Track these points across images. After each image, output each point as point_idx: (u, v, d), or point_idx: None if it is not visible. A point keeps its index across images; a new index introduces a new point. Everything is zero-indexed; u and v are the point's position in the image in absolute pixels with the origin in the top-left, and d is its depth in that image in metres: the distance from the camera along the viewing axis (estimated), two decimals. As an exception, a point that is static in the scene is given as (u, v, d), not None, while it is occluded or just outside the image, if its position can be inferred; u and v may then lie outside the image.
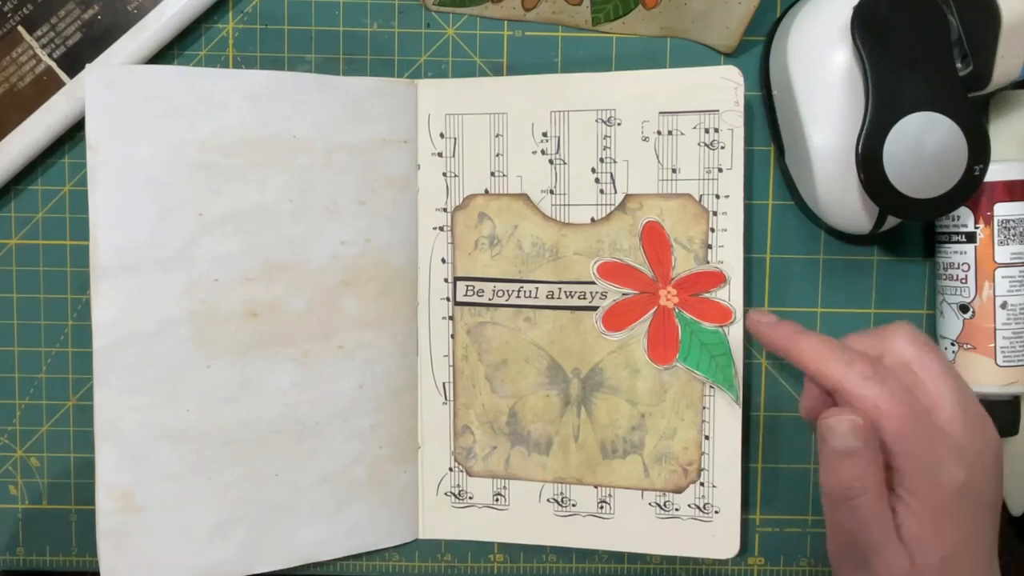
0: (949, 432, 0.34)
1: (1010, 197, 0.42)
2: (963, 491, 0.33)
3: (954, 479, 0.33)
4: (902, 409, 0.33)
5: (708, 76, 0.42)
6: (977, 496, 0.34)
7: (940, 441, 0.33)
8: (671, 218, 0.43)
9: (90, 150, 0.40)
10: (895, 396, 0.33)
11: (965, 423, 0.34)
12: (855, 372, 0.34)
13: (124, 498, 0.42)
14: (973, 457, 0.33)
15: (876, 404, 0.33)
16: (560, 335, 0.45)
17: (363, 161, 0.44)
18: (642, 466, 0.45)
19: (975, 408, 0.35)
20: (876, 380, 0.33)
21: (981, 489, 0.34)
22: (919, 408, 0.34)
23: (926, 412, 0.34)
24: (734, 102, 0.42)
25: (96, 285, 0.41)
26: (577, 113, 0.44)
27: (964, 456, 0.33)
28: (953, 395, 0.34)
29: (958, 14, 0.39)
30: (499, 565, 0.48)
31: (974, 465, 0.33)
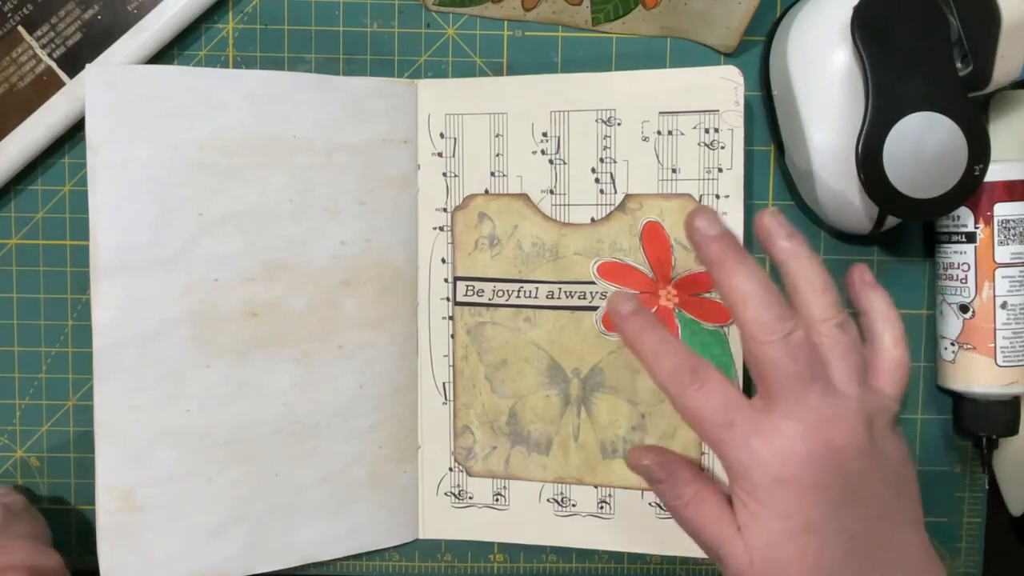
0: (766, 422, 0.34)
1: (1010, 197, 0.42)
2: (783, 485, 0.34)
3: (770, 473, 0.34)
4: (715, 415, 0.35)
5: (708, 76, 0.42)
6: (814, 491, 0.34)
7: (753, 437, 0.34)
8: (671, 218, 0.43)
9: (90, 150, 0.40)
10: (707, 400, 0.35)
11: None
12: (675, 380, 0.36)
13: (124, 498, 0.42)
14: (799, 444, 0.34)
15: (691, 410, 0.35)
16: (560, 335, 0.45)
17: (363, 161, 0.44)
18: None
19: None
20: (695, 386, 0.35)
21: (820, 487, 0.34)
22: (723, 408, 0.35)
23: (734, 408, 0.35)
24: (734, 102, 0.42)
25: (96, 285, 0.41)
26: (577, 113, 0.44)
27: (784, 448, 0.34)
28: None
29: (958, 14, 0.39)
30: (499, 565, 0.48)
31: (811, 462, 0.34)
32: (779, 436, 0.34)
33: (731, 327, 0.43)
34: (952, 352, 0.44)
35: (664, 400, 0.43)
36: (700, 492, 0.37)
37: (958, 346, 0.43)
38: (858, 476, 0.34)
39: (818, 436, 0.34)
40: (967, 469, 0.47)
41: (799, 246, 0.37)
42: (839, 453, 0.34)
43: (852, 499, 0.34)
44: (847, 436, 0.34)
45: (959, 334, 0.43)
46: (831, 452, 0.34)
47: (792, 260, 0.37)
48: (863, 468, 0.34)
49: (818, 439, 0.34)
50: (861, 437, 0.34)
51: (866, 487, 0.34)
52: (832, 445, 0.34)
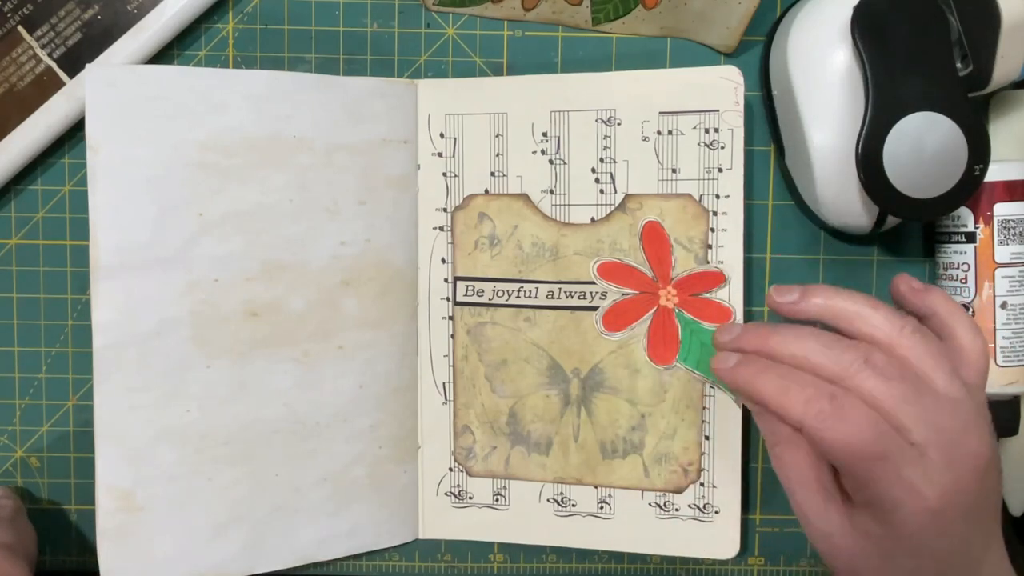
0: (933, 449, 0.32)
1: (1010, 197, 0.42)
2: (936, 518, 0.32)
3: (926, 507, 0.32)
4: (864, 449, 0.32)
5: (708, 76, 0.42)
6: (958, 514, 0.32)
7: (912, 469, 0.32)
8: (671, 218, 0.43)
9: (90, 150, 0.40)
10: (855, 431, 0.32)
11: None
12: (812, 413, 0.32)
13: (124, 498, 0.42)
14: (959, 476, 0.32)
15: (836, 444, 0.32)
16: (560, 335, 0.45)
17: (363, 161, 0.44)
18: (642, 466, 0.45)
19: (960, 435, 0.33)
20: (835, 417, 0.32)
21: (965, 508, 0.32)
22: (875, 439, 0.32)
23: (887, 437, 0.32)
24: (734, 102, 0.42)
25: (96, 285, 0.40)
26: (577, 113, 0.44)
27: (945, 480, 0.32)
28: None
29: (958, 14, 0.39)
30: (499, 565, 0.48)
31: (960, 485, 0.32)
32: (929, 464, 0.32)
33: None
34: (952, 352, 0.44)
35: (663, 399, 0.43)
36: (792, 437, 0.34)
37: (958, 346, 0.43)
38: (991, 483, 0.33)
39: (961, 455, 0.32)
40: (967, 469, 0.47)
41: (819, 294, 0.35)
42: (981, 463, 0.32)
43: (982, 511, 0.33)
44: (981, 443, 0.32)
45: (959, 334, 0.43)
46: (973, 467, 0.32)
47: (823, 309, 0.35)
48: (994, 474, 0.33)
49: (962, 459, 0.32)
50: (987, 437, 0.33)
51: (992, 492, 0.33)
52: (973, 459, 0.32)
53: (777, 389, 0.34)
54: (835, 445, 0.32)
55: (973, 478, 0.32)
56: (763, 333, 0.35)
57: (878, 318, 0.34)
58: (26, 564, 0.40)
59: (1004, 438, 0.44)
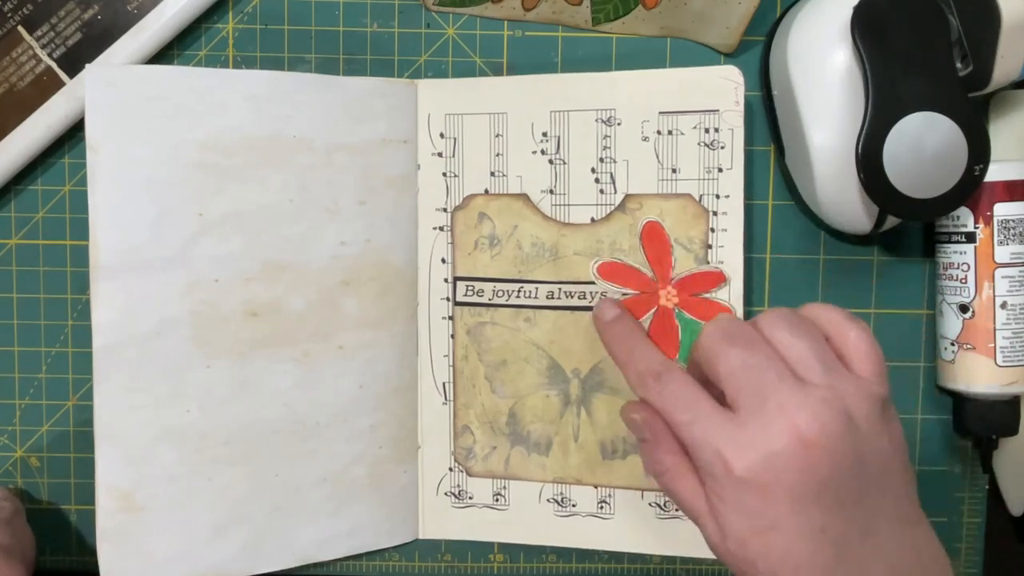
0: (731, 422, 0.34)
1: (1010, 197, 0.42)
2: (743, 485, 0.33)
3: (729, 470, 0.33)
4: (679, 415, 0.35)
5: (708, 76, 0.42)
6: (774, 478, 0.33)
7: (718, 437, 0.33)
8: (671, 218, 0.43)
9: (90, 150, 0.40)
10: (671, 403, 0.35)
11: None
12: (639, 382, 0.37)
13: (124, 498, 0.42)
14: (761, 448, 0.33)
15: (660, 412, 0.36)
16: (560, 335, 0.45)
17: (363, 161, 0.44)
18: (641, 466, 0.45)
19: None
20: (657, 387, 0.36)
21: (776, 472, 0.33)
22: (694, 404, 0.35)
23: (704, 403, 0.35)
24: (734, 102, 0.42)
25: (96, 285, 0.40)
26: (577, 113, 0.44)
27: (746, 448, 0.33)
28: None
29: (958, 14, 0.39)
30: (499, 565, 0.48)
31: (773, 460, 0.33)
32: (743, 435, 0.33)
33: None
34: (952, 352, 0.44)
35: None
36: (680, 465, 0.36)
37: (958, 346, 0.43)
38: (828, 469, 0.32)
39: (783, 431, 0.32)
40: (967, 469, 0.47)
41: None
42: (808, 447, 0.32)
43: (822, 493, 0.33)
44: (816, 428, 0.32)
45: (959, 334, 0.43)
46: (799, 447, 0.32)
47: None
48: (836, 461, 0.32)
49: (784, 434, 0.32)
50: (833, 427, 0.32)
51: (840, 480, 0.33)
52: (801, 439, 0.32)
53: (624, 357, 0.38)
54: (658, 409, 0.36)
55: (792, 455, 0.32)
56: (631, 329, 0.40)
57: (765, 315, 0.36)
58: (24, 567, 0.40)
59: (1004, 438, 0.44)
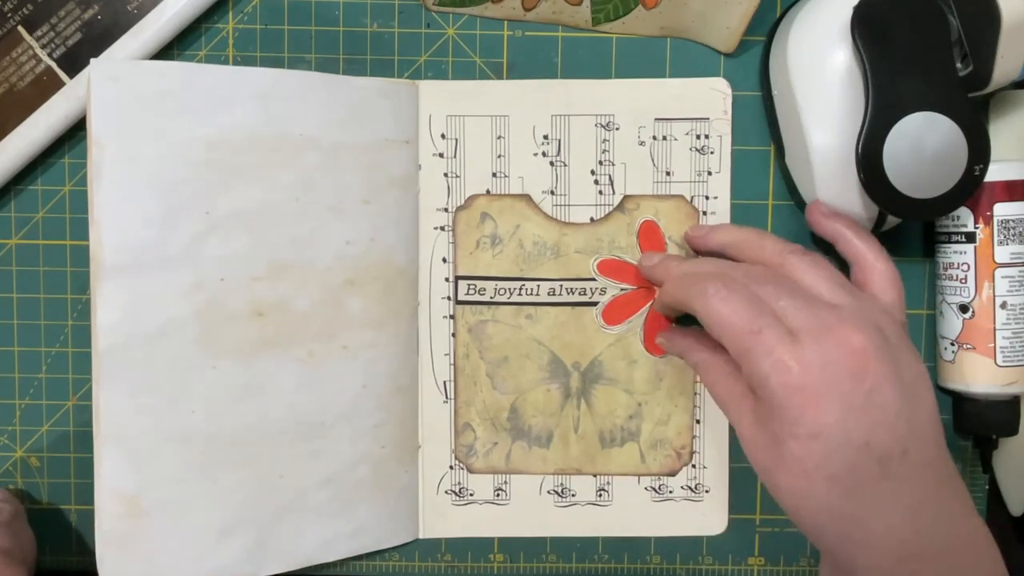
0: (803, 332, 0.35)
1: (1010, 197, 0.42)
2: (800, 393, 0.34)
3: (789, 381, 0.34)
4: (740, 322, 0.35)
5: (699, 86, 0.45)
6: (830, 399, 0.34)
7: (780, 344, 0.34)
8: (666, 217, 0.45)
9: (95, 146, 0.39)
10: (735, 307, 0.35)
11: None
12: (700, 290, 0.37)
13: (129, 503, 0.41)
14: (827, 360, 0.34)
15: (717, 317, 0.36)
16: (561, 330, 0.46)
17: (368, 160, 0.44)
18: (639, 453, 0.46)
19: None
20: (720, 295, 0.36)
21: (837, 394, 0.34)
22: (752, 317, 0.35)
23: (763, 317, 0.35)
24: (723, 111, 0.45)
25: (99, 285, 0.40)
26: (577, 117, 0.45)
27: (812, 359, 0.34)
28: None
29: (958, 14, 0.39)
30: (499, 565, 0.48)
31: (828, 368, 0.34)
32: (799, 348, 0.34)
33: None
34: (952, 352, 0.44)
35: (659, 387, 0.45)
36: (727, 364, 0.38)
37: (958, 346, 0.43)
38: (874, 376, 0.34)
39: (834, 343, 0.34)
40: (967, 469, 0.47)
41: (721, 230, 0.42)
42: (856, 353, 0.34)
43: (865, 404, 0.34)
44: (861, 337, 0.34)
45: (959, 334, 0.43)
46: (849, 353, 0.34)
47: (722, 238, 0.42)
48: (878, 374, 0.34)
49: (835, 345, 0.34)
50: (874, 340, 0.34)
51: (880, 391, 0.34)
52: (850, 347, 0.34)
53: (679, 272, 0.40)
54: (716, 319, 0.36)
55: (845, 365, 0.34)
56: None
57: (767, 244, 0.39)
58: (24, 569, 0.40)
59: (1004, 438, 0.44)
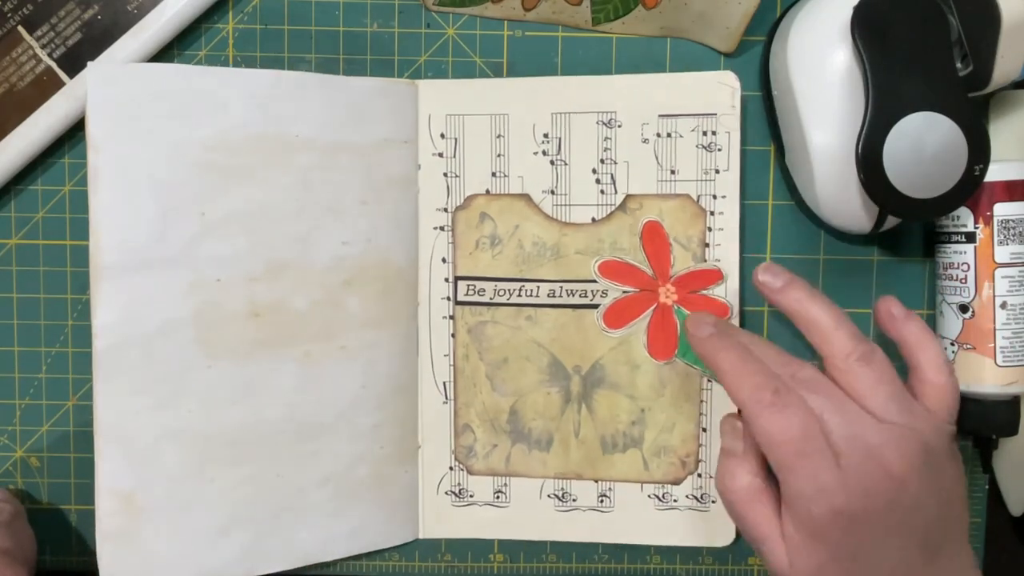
0: (847, 457, 0.34)
1: (1010, 197, 0.42)
2: (840, 518, 0.34)
3: (831, 506, 0.34)
4: (789, 442, 0.34)
5: (706, 80, 0.43)
6: (869, 523, 0.34)
7: (825, 470, 0.34)
8: (670, 218, 0.44)
9: (92, 149, 0.40)
10: (787, 425, 0.34)
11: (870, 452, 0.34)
12: (756, 398, 0.35)
13: (126, 501, 0.41)
14: (868, 487, 0.34)
15: (767, 431, 0.35)
16: (561, 333, 0.45)
17: (366, 161, 0.44)
18: (641, 460, 0.45)
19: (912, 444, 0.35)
20: (775, 407, 0.35)
21: (875, 518, 0.34)
22: (801, 436, 0.34)
23: (811, 437, 0.34)
24: (731, 106, 0.43)
25: (97, 285, 0.40)
26: (578, 115, 0.44)
27: (853, 486, 0.34)
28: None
29: (958, 14, 0.39)
30: (499, 565, 0.48)
31: (869, 495, 0.34)
32: (841, 473, 0.34)
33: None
34: (952, 352, 0.44)
35: (662, 394, 0.44)
36: (759, 489, 0.37)
37: (958, 346, 0.43)
38: (911, 503, 0.34)
39: (875, 468, 0.34)
40: (967, 469, 0.47)
41: (798, 291, 0.38)
42: (895, 481, 0.34)
43: (902, 527, 0.34)
44: (901, 463, 0.34)
45: (959, 334, 0.43)
46: (887, 481, 0.34)
47: (796, 307, 0.38)
48: (916, 494, 0.34)
49: (876, 470, 0.34)
50: (916, 463, 0.34)
51: (917, 513, 0.34)
52: (889, 473, 0.34)
53: (733, 369, 0.36)
54: (763, 433, 0.35)
55: (883, 489, 0.34)
56: (717, 339, 0.38)
57: (837, 340, 0.37)
58: (25, 569, 0.40)
59: (1004, 438, 0.44)
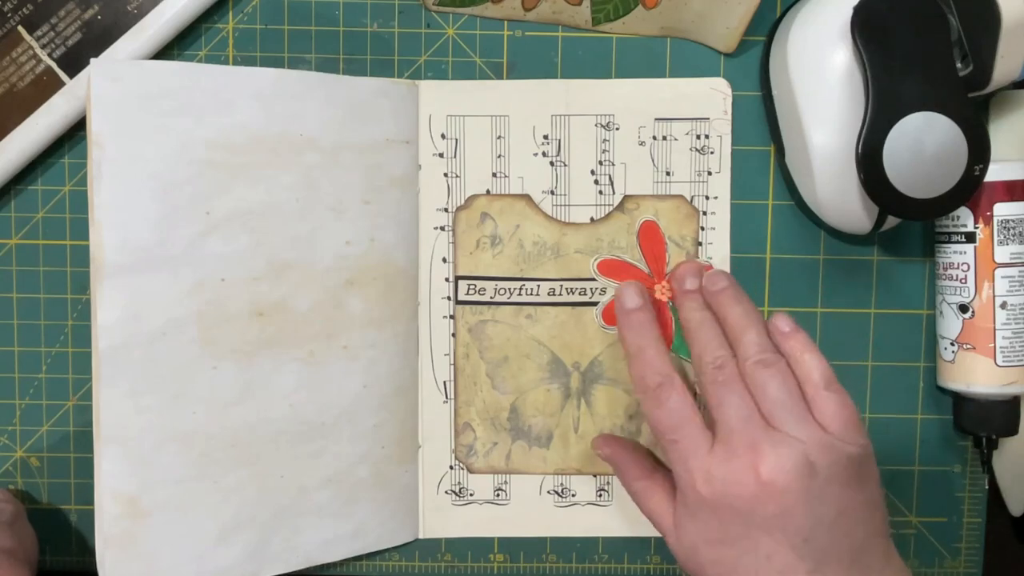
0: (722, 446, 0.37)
1: (1010, 197, 0.42)
2: (705, 502, 0.37)
3: (695, 487, 0.37)
4: (664, 431, 0.38)
5: (699, 86, 0.45)
6: (733, 514, 0.36)
7: (692, 458, 0.37)
8: (666, 218, 0.45)
9: (95, 147, 0.39)
10: (661, 417, 0.38)
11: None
12: (640, 387, 0.39)
13: (129, 503, 0.41)
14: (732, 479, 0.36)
15: (649, 419, 0.39)
16: (561, 330, 0.46)
17: (368, 160, 0.44)
18: None
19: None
20: (652, 401, 0.39)
21: (739, 511, 0.36)
22: (674, 426, 0.38)
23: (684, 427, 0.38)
24: (723, 111, 0.45)
25: (100, 285, 0.39)
26: (577, 117, 0.45)
27: (717, 475, 0.36)
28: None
29: (958, 14, 0.39)
30: (499, 565, 0.48)
31: (730, 488, 0.36)
32: (712, 461, 0.37)
33: None
34: (952, 352, 0.44)
35: None
36: (647, 487, 0.41)
37: (958, 346, 0.43)
38: (778, 510, 0.35)
39: (744, 467, 0.36)
40: (967, 469, 0.47)
41: (720, 279, 0.41)
42: (763, 484, 0.35)
43: (772, 525, 0.36)
44: (774, 470, 0.35)
45: (959, 334, 0.43)
46: (755, 483, 0.36)
47: (721, 309, 0.40)
48: (786, 503, 0.35)
49: (744, 470, 0.36)
50: (789, 473, 0.35)
51: (789, 520, 0.35)
52: (758, 477, 0.35)
53: (632, 352, 0.41)
54: (646, 416, 0.40)
55: (747, 487, 0.36)
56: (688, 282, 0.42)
57: (746, 340, 0.39)
58: (27, 569, 0.40)
59: (1004, 438, 0.44)
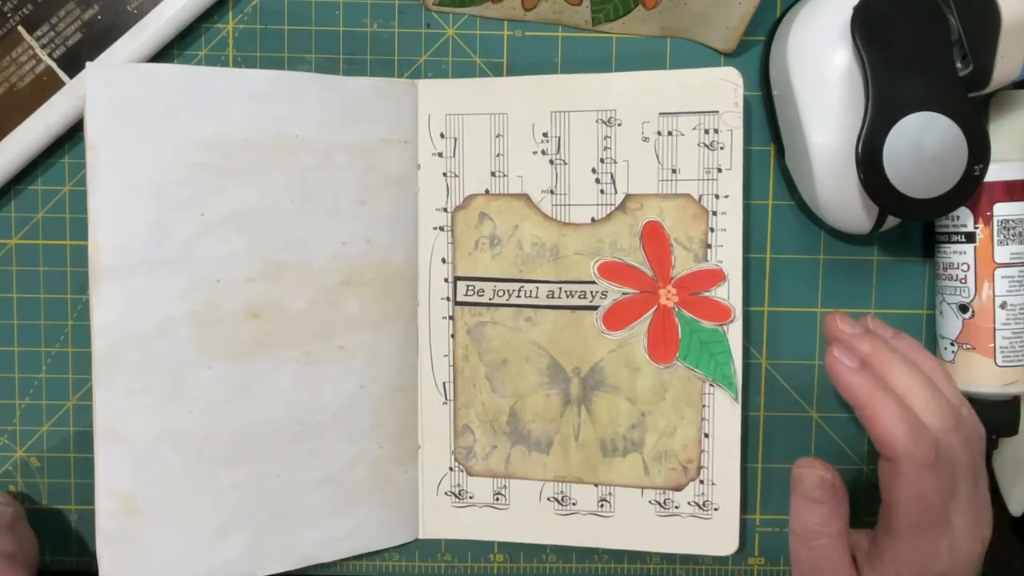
0: (957, 527, 0.37)
1: (1010, 197, 0.42)
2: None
3: (940, 566, 0.37)
4: (930, 501, 0.36)
5: (708, 77, 0.43)
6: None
7: (943, 533, 0.37)
8: (671, 218, 0.44)
9: (90, 149, 0.40)
10: (933, 486, 0.36)
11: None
12: (919, 456, 0.36)
13: (125, 501, 0.41)
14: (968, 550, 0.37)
15: (917, 487, 0.36)
16: (560, 334, 0.45)
17: (364, 161, 0.44)
18: (642, 464, 0.45)
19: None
20: (935, 467, 0.36)
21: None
22: (943, 499, 0.37)
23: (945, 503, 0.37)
24: (733, 103, 0.42)
25: (96, 286, 0.40)
26: (577, 113, 0.44)
27: (961, 550, 0.37)
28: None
29: (958, 14, 0.39)
30: (499, 565, 0.48)
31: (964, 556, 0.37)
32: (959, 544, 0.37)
33: (730, 325, 0.43)
34: (952, 352, 0.44)
35: (663, 398, 0.44)
36: (842, 534, 0.38)
37: (958, 346, 0.43)
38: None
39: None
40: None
41: (895, 349, 0.39)
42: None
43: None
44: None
45: (959, 334, 0.43)
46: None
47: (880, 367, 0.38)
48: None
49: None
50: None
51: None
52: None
53: (892, 418, 0.36)
54: (919, 486, 0.36)
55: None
56: (883, 352, 0.38)
57: (932, 409, 0.37)
58: (27, 572, 0.40)
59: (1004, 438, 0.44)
